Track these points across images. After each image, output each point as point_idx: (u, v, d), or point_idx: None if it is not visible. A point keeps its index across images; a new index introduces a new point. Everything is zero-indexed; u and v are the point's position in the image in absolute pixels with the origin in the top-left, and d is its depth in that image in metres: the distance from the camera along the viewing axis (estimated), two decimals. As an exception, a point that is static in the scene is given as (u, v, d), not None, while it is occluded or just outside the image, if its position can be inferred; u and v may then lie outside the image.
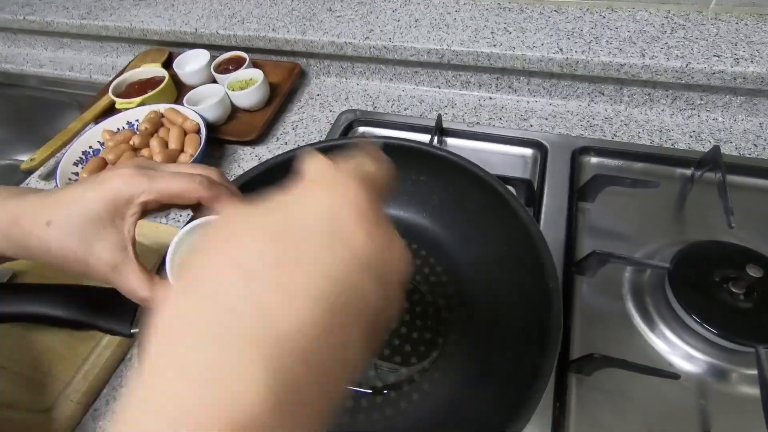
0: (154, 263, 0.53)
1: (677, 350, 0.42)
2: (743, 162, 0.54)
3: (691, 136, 0.60)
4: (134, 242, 0.30)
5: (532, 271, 0.37)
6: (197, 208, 0.32)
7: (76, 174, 0.61)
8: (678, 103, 0.62)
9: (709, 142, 0.59)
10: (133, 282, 0.30)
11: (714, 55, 0.57)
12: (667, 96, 0.62)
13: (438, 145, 0.49)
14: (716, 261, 0.44)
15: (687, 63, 0.56)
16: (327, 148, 0.47)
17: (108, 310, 0.36)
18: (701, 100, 0.61)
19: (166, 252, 0.30)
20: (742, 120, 0.60)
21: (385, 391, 0.39)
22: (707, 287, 0.42)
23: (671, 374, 0.37)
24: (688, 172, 0.56)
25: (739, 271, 0.42)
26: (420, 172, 0.47)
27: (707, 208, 0.52)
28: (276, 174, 0.46)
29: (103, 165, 0.61)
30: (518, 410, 0.29)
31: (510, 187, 0.41)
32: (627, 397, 0.40)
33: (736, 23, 0.61)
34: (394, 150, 0.47)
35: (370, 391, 0.39)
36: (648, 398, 0.40)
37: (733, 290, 0.42)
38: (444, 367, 0.40)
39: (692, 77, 0.57)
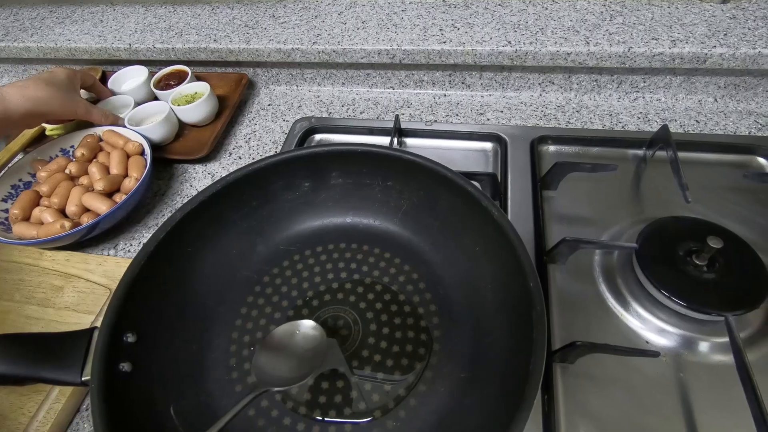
0: (105, 300, 0.48)
1: (652, 327, 0.43)
2: (690, 138, 0.56)
3: (638, 118, 0.62)
4: None
5: (510, 271, 0.36)
6: None
7: (6, 211, 0.55)
8: (623, 86, 0.64)
9: (656, 121, 0.61)
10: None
11: (652, 39, 0.59)
12: (613, 81, 0.64)
13: (402, 148, 0.48)
14: (678, 236, 0.45)
15: (629, 48, 0.58)
16: (291, 160, 0.45)
17: (52, 359, 0.32)
18: (644, 82, 0.63)
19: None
20: (683, 98, 0.63)
21: (369, 417, 0.37)
22: (673, 262, 0.44)
23: (651, 353, 0.37)
24: (641, 152, 0.57)
25: (700, 243, 0.43)
26: (387, 178, 0.45)
27: (663, 186, 0.53)
28: (236, 190, 0.44)
29: (37, 198, 0.55)
30: (512, 414, 0.28)
31: (476, 183, 0.41)
32: (610, 379, 0.41)
33: (668, 7, 0.64)
34: (358, 157, 0.45)
35: (365, 420, 0.36)
36: (630, 378, 0.41)
37: (697, 262, 0.43)
38: (430, 378, 0.38)
39: (634, 61, 0.59)
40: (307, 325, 0.37)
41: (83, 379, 0.32)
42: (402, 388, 0.37)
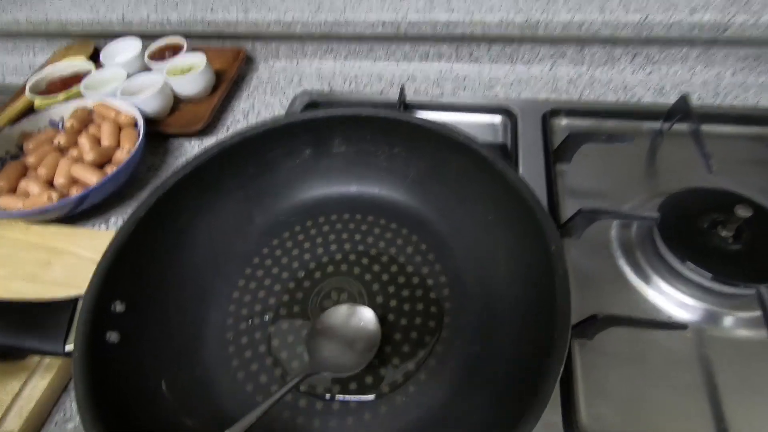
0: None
1: (675, 301, 0.41)
2: (710, 110, 0.54)
3: (654, 91, 0.59)
4: None
5: (527, 237, 0.33)
6: None
7: (-9, 183, 0.52)
8: (638, 59, 0.62)
9: (672, 95, 0.58)
10: None
11: (670, 6, 0.56)
12: (627, 53, 0.61)
13: (409, 113, 0.45)
14: (702, 207, 0.43)
15: (645, 16, 0.56)
16: (291, 126, 0.42)
17: (35, 327, 0.30)
18: (660, 54, 0.61)
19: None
20: (700, 71, 0.61)
21: (373, 394, 0.34)
22: (696, 233, 0.41)
23: (678, 325, 0.35)
24: (657, 125, 0.55)
25: (725, 214, 0.41)
26: (393, 144, 0.43)
27: (680, 159, 0.51)
28: (233, 156, 0.41)
29: (24, 170, 0.53)
30: (536, 388, 0.25)
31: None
32: (630, 355, 0.38)
33: (687, -25, 0.61)
34: (363, 122, 0.43)
35: (369, 396, 0.34)
36: (651, 354, 0.38)
37: (723, 234, 0.40)
38: (441, 352, 0.36)
39: (651, 30, 0.56)
40: (365, 312, 0.35)
41: (67, 348, 0.30)
42: (411, 363, 0.35)
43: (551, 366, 0.26)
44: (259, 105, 0.65)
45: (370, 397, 0.34)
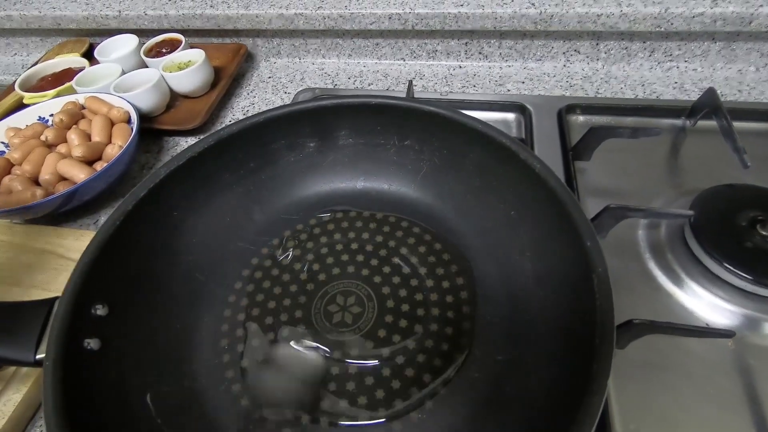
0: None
1: (711, 306, 0.37)
2: (737, 105, 0.51)
3: (674, 88, 0.57)
4: None
5: (556, 234, 0.30)
6: None
7: (-28, 180, 0.49)
8: (656, 55, 0.59)
9: (694, 91, 0.56)
10: None
11: (691, -2, 0.54)
12: (645, 48, 0.59)
13: (421, 98, 0.42)
14: (738, 204, 0.39)
15: (666, 8, 0.53)
16: (293, 115, 0.39)
17: (1, 331, 0.26)
18: (679, 50, 0.58)
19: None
20: (722, 68, 0.58)
21: (383, 418, 0.30)
22: (734, 233, 0.38)
23: (724, 332, 0.31)
24: (680, 122, 0.52)
25: (766, 212, 0.37)
26: (404, 136, 0.40)
27: (707, 156, 0.48)
28: (231, 148, 0.38)
29: (8, 166, 0.49)
30: (579, 399, 0.22)
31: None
32: (663, 366, 0.35)
33: (705, -32, 0.59)
34: (372, 111, 0.40)
35: (382, 420, 0.30)
36: (687, 364, 0.35)
37: (764, 232, 0.37)
38: (461, 363, 0.32)
39: (671, 23, 0.54)
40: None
41: (38, 357, 0.26)
42: (427, 375, 0.31)
43: (597, 374, 0.23)
44: (260, 103, 0.63)
45: (381, 419, 0.30)
